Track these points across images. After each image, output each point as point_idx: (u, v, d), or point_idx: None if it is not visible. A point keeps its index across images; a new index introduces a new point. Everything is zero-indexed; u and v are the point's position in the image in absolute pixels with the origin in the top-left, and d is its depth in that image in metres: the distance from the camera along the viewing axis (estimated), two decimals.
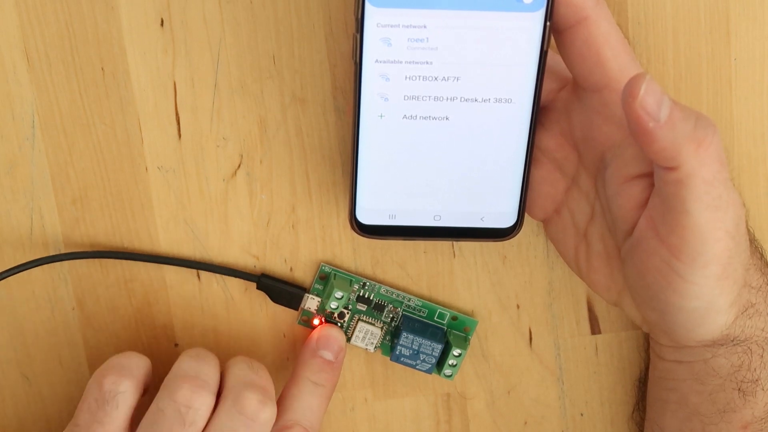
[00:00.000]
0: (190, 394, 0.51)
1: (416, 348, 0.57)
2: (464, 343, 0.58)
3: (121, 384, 0.51)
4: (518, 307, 0.60)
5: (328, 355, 0.57)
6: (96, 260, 0.57)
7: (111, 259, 0.57)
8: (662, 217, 0.48)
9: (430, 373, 0.58)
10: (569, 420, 0.62)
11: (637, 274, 0.51)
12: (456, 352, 0.58)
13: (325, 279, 0.58)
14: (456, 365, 0.58)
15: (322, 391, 0.56)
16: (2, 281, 0.56)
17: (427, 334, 0.58)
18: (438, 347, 0.57)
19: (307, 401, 0.55)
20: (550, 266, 0.59)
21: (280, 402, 0.55)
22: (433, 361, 0.58)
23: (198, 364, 0.52)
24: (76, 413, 0.52)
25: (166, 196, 0.57)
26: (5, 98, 0.55)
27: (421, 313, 0.59)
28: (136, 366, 0.53)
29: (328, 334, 0.57)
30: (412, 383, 0.61)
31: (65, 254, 0.56)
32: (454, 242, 0.59)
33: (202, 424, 0.51)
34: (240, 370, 0.53)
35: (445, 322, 0.59)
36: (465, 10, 0.48)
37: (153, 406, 0.51)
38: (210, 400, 0.51)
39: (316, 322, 0.58)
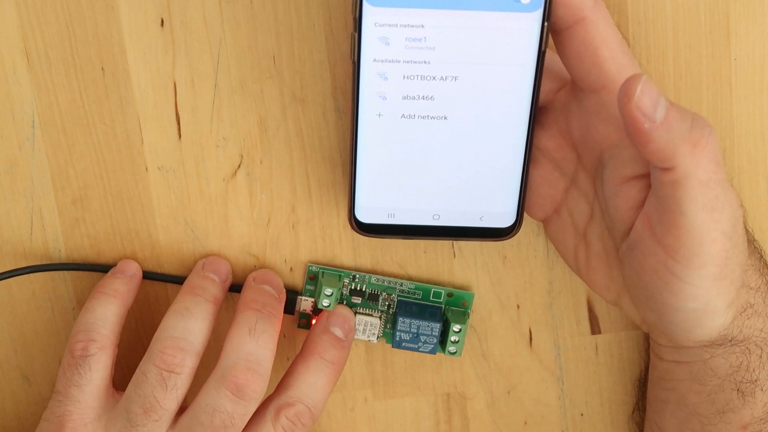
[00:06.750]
0: (171, 358, 0.52)
1: (415, 331, 0.57)
2: (463, 317, 0.58)
3: (90, 347, 0.53)
4: (518, 307, 0.60)
5: (339, 333, 0.57)
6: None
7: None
8: (659, 218, 0.48)
9: (435, 353, 0.58)
10: (569, 420, 0.62)
11: (635, 275, 0.51)
12: (456, 327, 0.57)
13: (315, 278, 0.58)
14: (459, 341, 0.58)
15: (330, 369, 0.56)
16: (2, 282, 0.56)
17: (425, 315, 0.58)
18: (436, 326, 0.57)
19: (313, 379, 0.55)
20: (550, 266, 0.59)
21: (286, 378, 0.55)
22: (435, 341, 0.58)
23: (184, 322, 0.53)
24: (56, 381, 0.54)
25: (166, 196, 0.57)
26: (5, 98, 0.55)
27: (416, 296, 0.59)
28: (103, 321, 0.54)
29: (339, 312, 0.57)
30: (412, 383, 0.61)
31: (65, 264, 0.57)
32: (454, 242, 0.59)
33: (184, 387, 0.52)
34: (239, 335, 0.53)
35: (441, 300, 0.59)
36: (462, 9, 0.48)
37: (138, 369, 0.52)
38: (193, 362, 0.52)
39: (314, 322, 0.58)
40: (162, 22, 0.55)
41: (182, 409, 0.53)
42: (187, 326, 0.53)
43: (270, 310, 0.55)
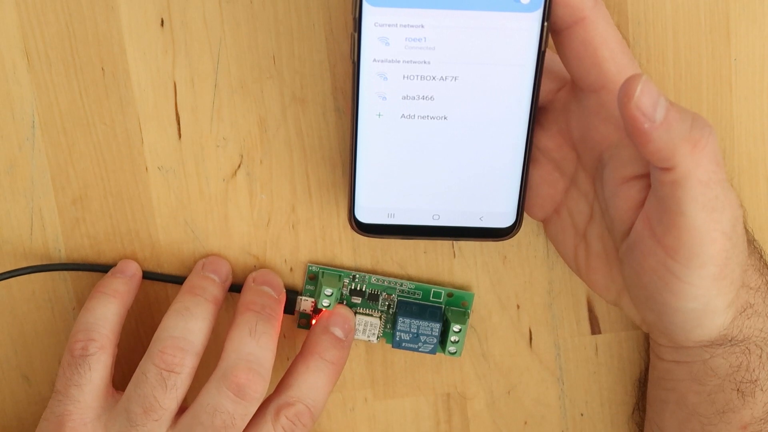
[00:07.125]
0: (171, 358, 0.52)
1: (415, 331, 0.57)
2: (463, 317, 0.58)
3: (90, 346, 0.53)
4: (518, 307, 0.60)
5: (339, 333, 0.57)
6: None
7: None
8: (658, 218, 0.48)
9: (435, 353, 0.58)
10: (569, 420, 0.62)
11: (635, 275, 0.51)
12: (456, 327, 0.57)
13: (315, 278, 0.58)
14: (459, 341, 0.58)
15: (330, 369, 0.56)
16: (2, 282, 0.56)
17: (425, 315, 0.58)
18: (436, 326, 0.57)
19: (313, 378, 0.55)
20: (550, 266, 0.59)
21: (286, 377, 0.56)
22: (435, 341, 0.58)
23: (184, 322, 0.53)
24: (56, 381, 0.54)
25: (166, 196, 0.57)
26: (5, 98, 0.55)
27: (416, 296, 0.59)
28: (103, 320, 0.54)
29: (339, 312, 0.57)
30: (412, 383, 0.61)
31: (65, 264, 0.57)
32: (454, 242, 0.59)
33: (184, 387, 0.52)
34: (240, 336, 0.53)
35: (441, 300, 0.59)
36: (462, 9, 0.48)
37: (138, 369, 0.52)
38: (193, 362, 0.52)
39: (314, 323, 0.58)
40: (162, 22, 0.55)
41: (182, 409, 0.53)
42: (187, 326, 0.53)
43: (270, 311, 0.55)
